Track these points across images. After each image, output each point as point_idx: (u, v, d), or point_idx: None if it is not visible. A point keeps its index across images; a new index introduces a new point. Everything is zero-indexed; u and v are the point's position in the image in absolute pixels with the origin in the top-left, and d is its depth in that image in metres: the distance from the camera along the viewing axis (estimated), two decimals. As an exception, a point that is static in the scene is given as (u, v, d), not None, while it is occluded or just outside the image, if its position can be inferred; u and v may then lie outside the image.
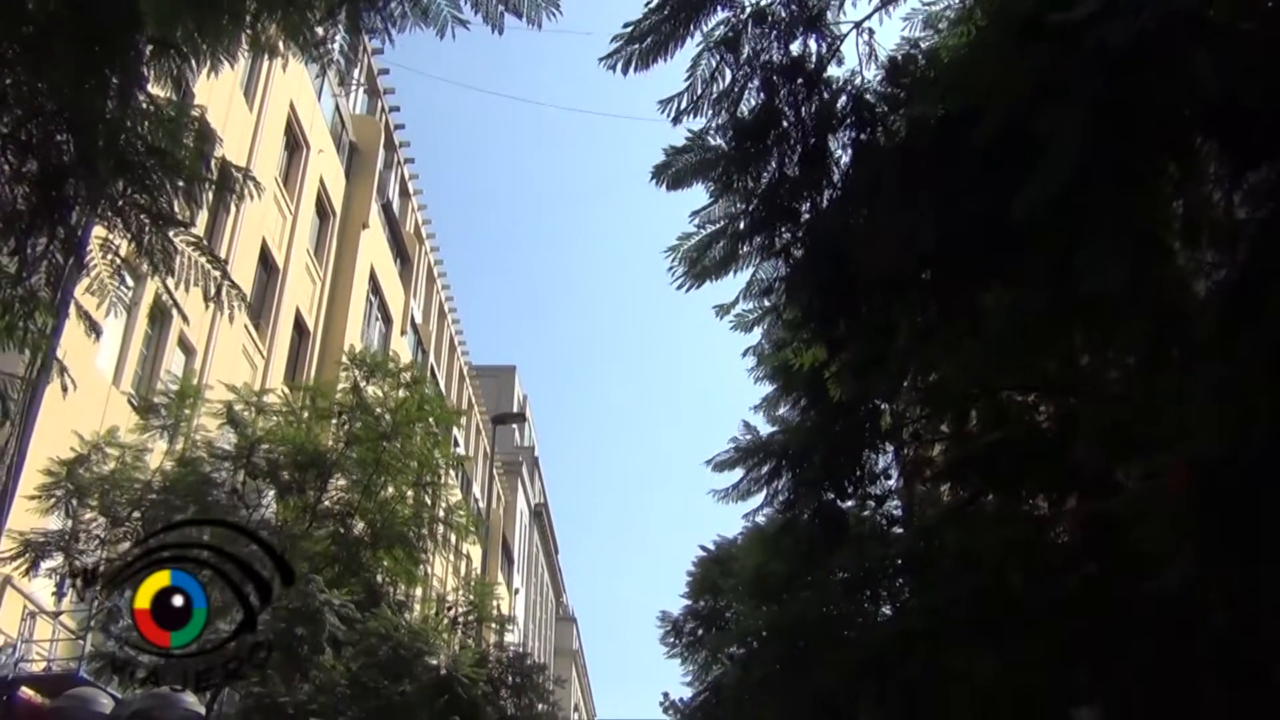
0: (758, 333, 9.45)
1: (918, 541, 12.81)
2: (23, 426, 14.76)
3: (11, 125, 5.57)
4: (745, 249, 7.12)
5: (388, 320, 34.78)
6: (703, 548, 26.70)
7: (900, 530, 13.89)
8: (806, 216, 6.92)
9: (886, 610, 13.95)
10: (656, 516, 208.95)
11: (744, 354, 10.21)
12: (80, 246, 6.13)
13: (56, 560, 14.75)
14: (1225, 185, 5.93)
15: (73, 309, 7.53)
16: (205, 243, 7.15)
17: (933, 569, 11.86)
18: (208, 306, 7.02)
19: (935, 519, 12.30)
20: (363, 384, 17.56)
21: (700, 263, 7.29)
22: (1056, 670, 10.27)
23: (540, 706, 20.07)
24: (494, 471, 48.06)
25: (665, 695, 31.04)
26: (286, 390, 18.59)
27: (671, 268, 7.48)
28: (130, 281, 8.64)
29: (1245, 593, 6.21)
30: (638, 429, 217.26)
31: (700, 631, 25.87)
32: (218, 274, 6.68)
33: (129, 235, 6.03)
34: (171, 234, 6.27)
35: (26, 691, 15.27)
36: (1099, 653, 9.63)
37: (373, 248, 32.88)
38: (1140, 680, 9.39)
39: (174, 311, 19.60)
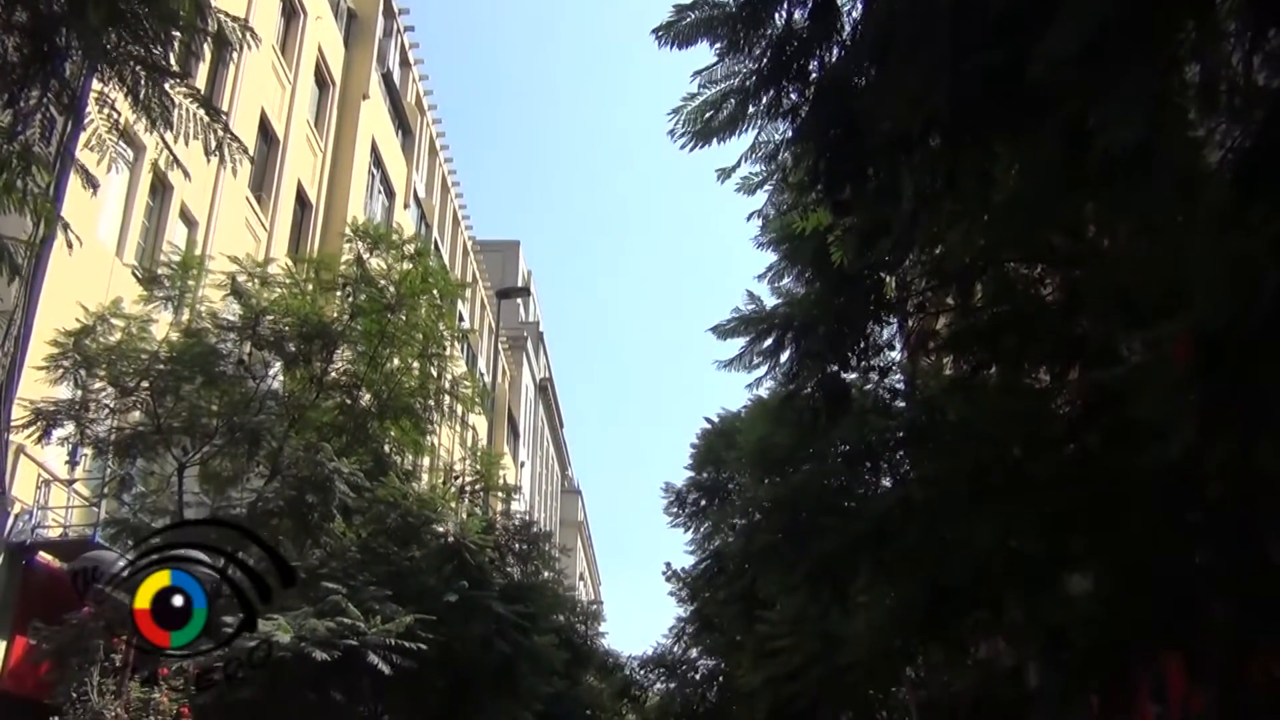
0: (762, 196, 9.32)
1: (920, 414, 12.92)
2: (28, 295, 14.77)
3: (-1, -27, 5.40)
4: (752, 109, 6.95)
5: (390, 193, 34.45)
6: (707, 420, 27.17)
7: (902, 404, 13.99)
8: (815, 76, 6.75)
9: (886, 483, 14.14)
10: (662, 391, 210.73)
11: (748, 218, 10.08)
12: (78, 103, 5.99)
13: (68, 429, 14.93)
14: (1245, 46, 5.76)
15: (71, 176, 7.40)
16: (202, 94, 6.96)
17: (934, 441, 11.99)
18: (208, 161, 6.88)
19: (937, 391, 12.36)
20: (366, 256, 17.47)
21: (705, 123, 7.13)
22: (1053, 539, 10.47)
23: (546, 574, 20.55)
24: (499, 346, 48.27)
25: (668, 565, 31.99)
26: (290, 262, 18.50)
27: (674, 129, 7.33)
28: (127, 144, 8.45)
29: (1242, 463, 6.26)
30: (644, 304, 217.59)
31: (703, 502, 26.46)
32: (218, 127, 6.53)
33: (125, 89, 5.89)
34: (168, 86, 6.12)
35: (44, 556, 15.63)
36: (1095, 522, 9.79)
37: (373, 119, 32.36)
38: (1134, 549, 9.57)
39: (175, 182, 19.46)
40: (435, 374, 17.98)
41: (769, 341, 11.38)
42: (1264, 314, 4.79)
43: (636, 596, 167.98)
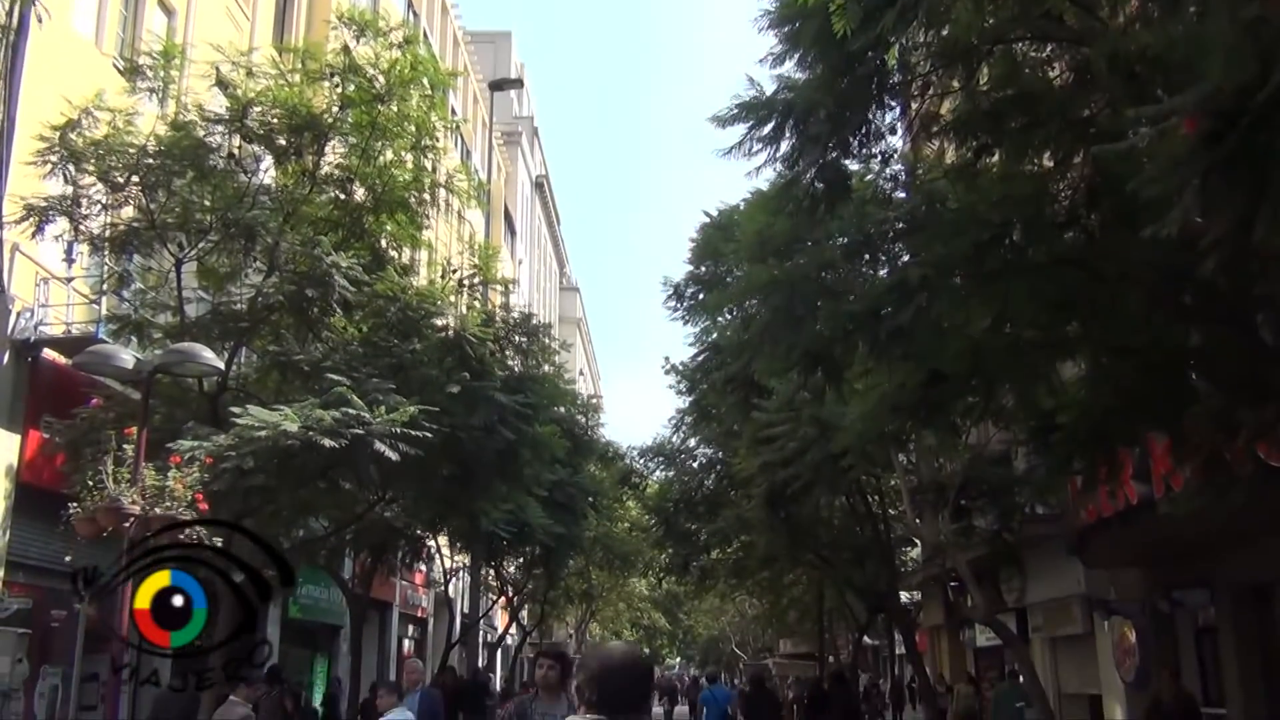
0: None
1: (920, 203, 12.75)
2: (9, 88, 14.43)
3: None
4: None
5: (375, -22, 33.02)
6: (706, 214, 26.92)
7: (903, 194, 13.79)
8: None
9: (884, 274, 14.09)
10: (662, 188, 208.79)
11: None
12: None
13: (61, 226, 14.83)
14: None
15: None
16: None
17: (934, 230, 11.87)
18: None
19: (939, 176, 12.18)
20: (353, 44, 16.93)
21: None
22: (1049, 323, 10.56)
23: (546, 367, 20.87)
24: (493, 141, 47.39)
25: (666, 359, 32.46)
26: (274, 52, 17.90)
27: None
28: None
29: (1240, 237, 6.22)
30: (641, 98, 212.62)
31: (701, 295, 26.51)
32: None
33: None
34: None
35: (49, 353, 15.82)
36: (1091, 305, 9.85)
37: (351, -104, 30.67)
38: (1128, 332, 9.68)
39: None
40: (429, 167, 17.70)
41: (769, 127, 11.09)
42: (1274, 78, 4.67)
43: (636, 392, 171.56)
